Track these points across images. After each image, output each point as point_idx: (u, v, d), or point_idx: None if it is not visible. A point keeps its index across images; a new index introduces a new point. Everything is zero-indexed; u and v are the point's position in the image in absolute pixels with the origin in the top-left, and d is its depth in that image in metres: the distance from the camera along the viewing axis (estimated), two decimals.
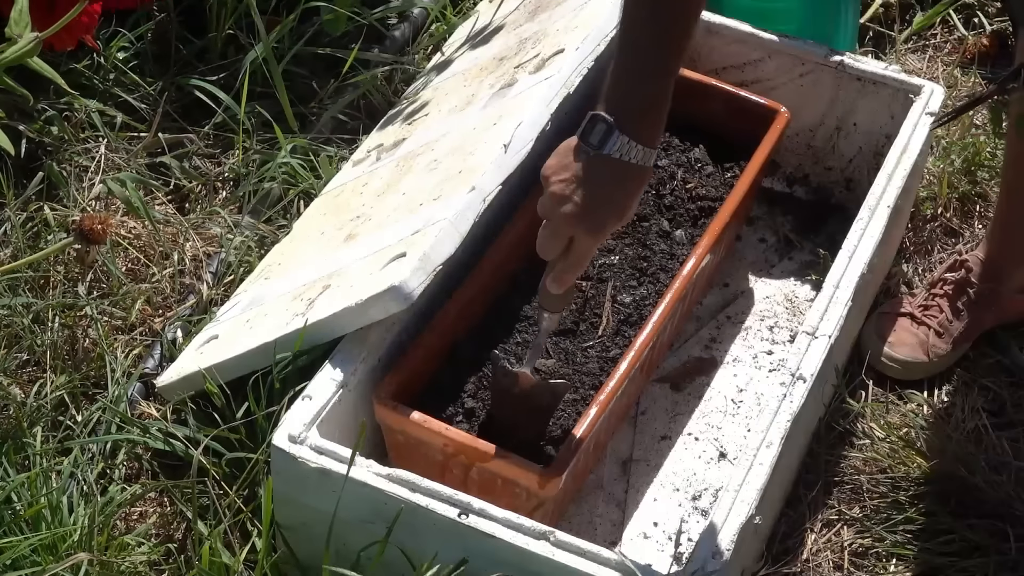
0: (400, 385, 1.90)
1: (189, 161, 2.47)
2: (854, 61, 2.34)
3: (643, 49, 1.64)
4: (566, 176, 1.66)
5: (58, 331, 2.14)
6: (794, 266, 2.39)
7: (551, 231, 1.68)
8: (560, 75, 2.16)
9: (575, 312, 2.08)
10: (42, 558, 1.81)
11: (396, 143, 2.27)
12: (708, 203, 2.23)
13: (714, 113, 2.30)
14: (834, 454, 2.13)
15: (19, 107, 2.41)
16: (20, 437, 1.98)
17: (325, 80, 2.58)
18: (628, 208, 1.67)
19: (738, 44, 2.39)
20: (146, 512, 2.00)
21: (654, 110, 1.65)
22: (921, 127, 2.24)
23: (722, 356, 2.25)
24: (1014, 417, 2.20)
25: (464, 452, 1.84)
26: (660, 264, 2.16)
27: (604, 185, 1.65)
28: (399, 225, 2.00)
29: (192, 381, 2.00)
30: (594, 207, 1.65)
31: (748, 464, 1.81)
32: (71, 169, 2.38)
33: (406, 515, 1.73)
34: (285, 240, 2.24)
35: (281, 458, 1.79)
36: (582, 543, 1.71)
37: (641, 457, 2.12)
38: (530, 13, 2.45)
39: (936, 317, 2.28)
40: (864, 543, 2.05)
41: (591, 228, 1.67)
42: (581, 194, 1.65)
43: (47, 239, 2.26)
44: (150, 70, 2.57)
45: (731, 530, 1.74)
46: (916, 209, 2.45)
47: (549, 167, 1.69)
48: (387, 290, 1.85)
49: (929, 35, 2.86)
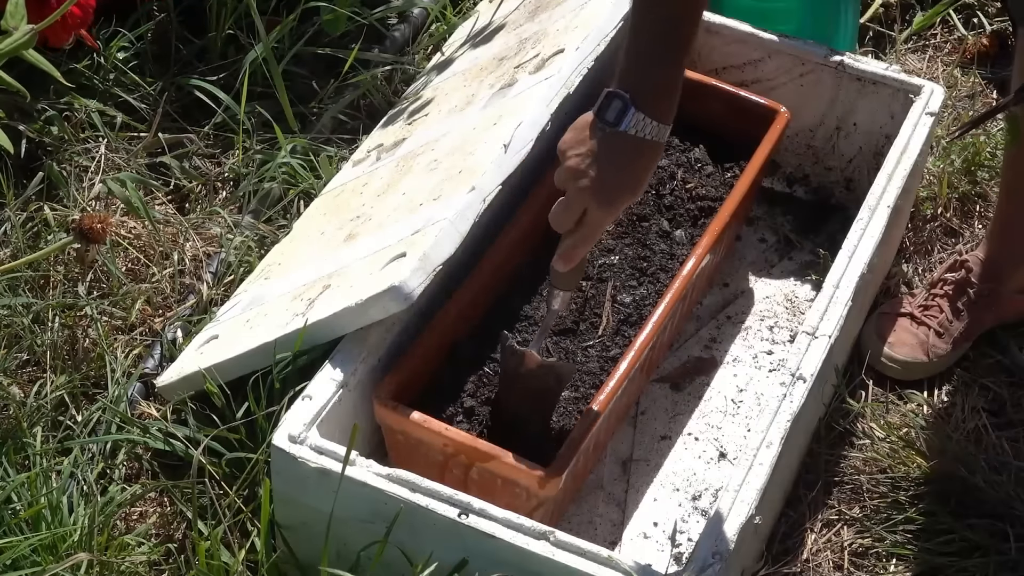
0: (400, 385, 1.90)
1: (189, 161, 2.47)
2: (854, 61, 2.34)
3: (655, 36, 1.67)
4: (582, 151, 1.70)
5: (58, 331, 2.14)
6: (794, 266, 2.39)
7: (565, 204, 1.72)
8: (560, 75, 2.16)
9: (575, 312, 2.09)
10: (42, 558, 1.81)
11: (396, 143, 2.27)
12: (708, 203, 2.23)
13: (714, 113, 2.30)
14: (834, 454, 2.13)
15: (19, 107, 2.41)
16: (20, 437, 1.98)
17: (325, 80, 2.58)
18: (641, 183, 1.71)
19: (738, 44, 2.39)
20: (146, 512, 2.00)
21: (667, 89, 1.69)
22: (921, 127, 2.24)
23: (722, 356, 2.25)
24: (1014, 417, 2.20)
25: (464, 452, 1.84)
26: (660, 264, 2.16)
27: (619, 161, 1.68)
28: (399, 225, 2.00)
29: (192, 381, 2.00)
30: (609, 182, 1.69)
31: (748, 464, 1.81)
32: (71, 169, 2.38)
33: (406, 515, 1.73)
34: (285, 240, 2.24)
35: (281, 458, 1.79)
36: (582, 543, 1.71)
37: (641, 457, 2.12)
38: (530, 13, 2.45)
39: (936, 317, 2.28)
40: (864, 543, 2.05)
41: (605, 202, 1.70)
42: (596, 169, 1.69)
43: (47, 239, 2.26)
44: (150, 70, 2.57)
45: (731, 530, 1.74)
46: (916, 209, 2.45)
47: (565, 141, 1.72)
48: (387, 290, 1.85)
49: (929, 35, 2.86)
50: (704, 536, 1.74)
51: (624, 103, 1.67)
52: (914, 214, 2.44)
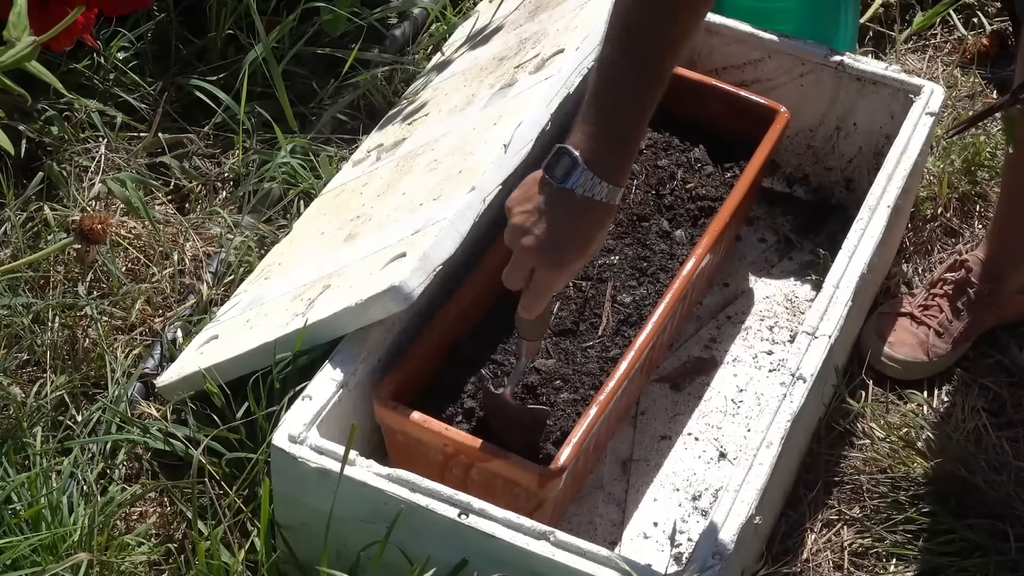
0: (400, 385, 1.90)
1: (189, 161, 2.47)
2: (854, 61, 2.34)
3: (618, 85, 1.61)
4: (528, 207, 1.65)
5: (58, 331, 2.14)
6: (794, 266, 2.39)
7: (512, 262, 1.68)
8: (560, 75, 2.16)
9: (575, 312, 2.09)
10: (42, 558, 1.81)
11: (396, 143, 2.27)
12: (708, 203, 2.23)
13: (714, 113, 2.30)
14: (834, 454, 2.13)
15: (19, 107, 2.41)
16: (20, 437, 1.98)
17: (325, 80, 2.58)
18: (589, 243, 1.65)
19: (738, 44, 2.39)
20: (146, 512, 2.00)
21: (623, 148, 1.64)
22: (921, 127, 2.24)
23: (722, 356, 2.25)
24: (1014, 417, 2.20)
25: (464, 452, 1.84)
26: (660, 264, 2.16)
27: (565, 220, 1.63)
28: (399, 225, 2.00)
29: (192, 381, 2.00)
30: (554, 241, 1.64)
31: (748, 464, 1.81)
32: (71, 169, 2.38)
33: (406, 515, 1.73)
34: (285, 240, 2.24)
35: (281, 458, 1.79)
36: (582, 543, 1.71)
37: (641, 457, 2.12)
38: (530, 13, 2.45)
39: (936, 317, 2.28)
40: (864, 543, 2.05)
41: (550, 262, 1.65)
42: (542, 227, 1.64)
43: (47, 239, 2.26)
44: (150, 70, 2.57)
45: (731, 530, 1.74)
46: (916, 209, 2.45)
47: (513, 198, 1.68)
48: (387, 290, 1.85)
49: (929, 35, 2.86)
50: (704, 536, 1.74)
51: (573, 160, 1.61)
52: (914, 214, 2.44)
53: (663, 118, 2.29)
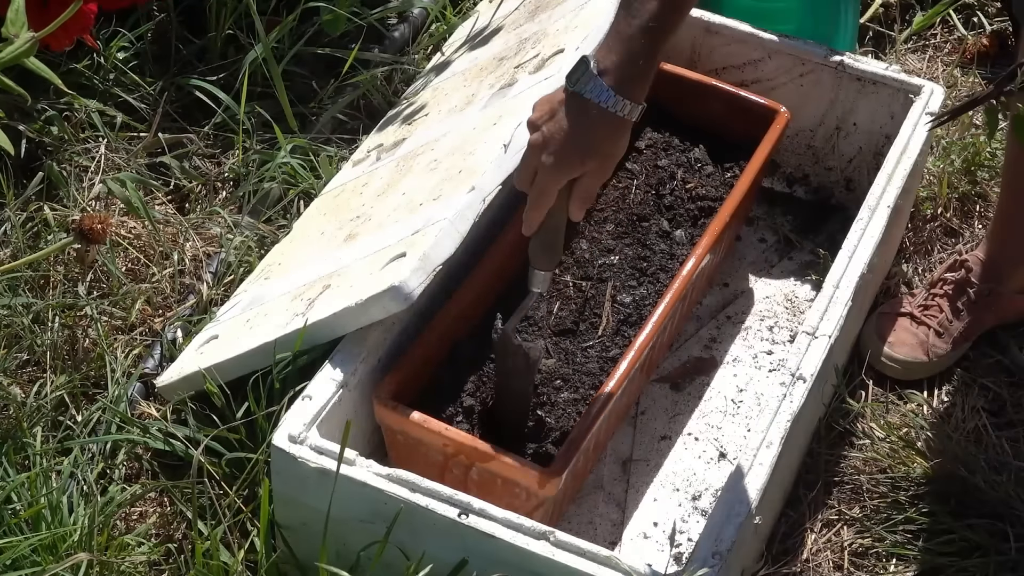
0: (400, 385, 1.90)
1: (189, 161, 2.47)
2: (854, 61, 2.34)
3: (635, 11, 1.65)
4: (545, 108, 1.69)
5: (58, 331, 2.14)
6: (794, 266, 2.39)
7: (521, 159, 1.71)
8: (560, 75, 2.15)
9: (575, 312, 2.09)
10: (42, 558, 1.81)
11: (396, 143, 2.27)
12: (708, 203, 2.23)
13: (714, 113, 2.30)
14: (834, 454, 2.13)
15: (19, 107, 2.41)
16: (20, 437, 1.98)
17: (325, 80, 2.58)
18: (592, 151, 1.67)
19: (738, 44, 2.39)
20: (146, 512, 2.00)
21: (638, 63, 1.65)
22: (921, 127, 2.24)
23: (722, 356, 2.25)
24: (1014, 417, 2.20)
25: (464, 452, 1.84)
26: (660, 264, 2.16)
27: (573, 122, 1.66)
28: (399, 225, 2.00)
29: (192, 381, 2.00)
30: (558, 140, 1.67)
31: (748, 464, 1.81)
32: (71, 169, 2.38)
33: (406, 515, 1.73)
34: (285, 240, 2.24)
35: (281, 458, 1.79)
36: (582, 543, 1.71)
37: (641, 457, 2.12)
38: (530, 13, 2.45)
39: (936, 317, 2.28)
40: (864, 543, 2.05)
41: (551, 161, 1.67)
42: (550, 126, 1.68)
43: (47, 239, 2.26)
44: (150, 70, 2.57)
45: (731, 530, 1.74)
46: (916, 209, 2.45)
47: (536, 102, 1.72)
48: (387, 290, 1.85)
49: (929, 35, 2.86)
50: (704, 536, 1.74)
51: (587, 68, 1.65)
52: (914, 214, 2.44)
53: (663, 118, 2.29)
